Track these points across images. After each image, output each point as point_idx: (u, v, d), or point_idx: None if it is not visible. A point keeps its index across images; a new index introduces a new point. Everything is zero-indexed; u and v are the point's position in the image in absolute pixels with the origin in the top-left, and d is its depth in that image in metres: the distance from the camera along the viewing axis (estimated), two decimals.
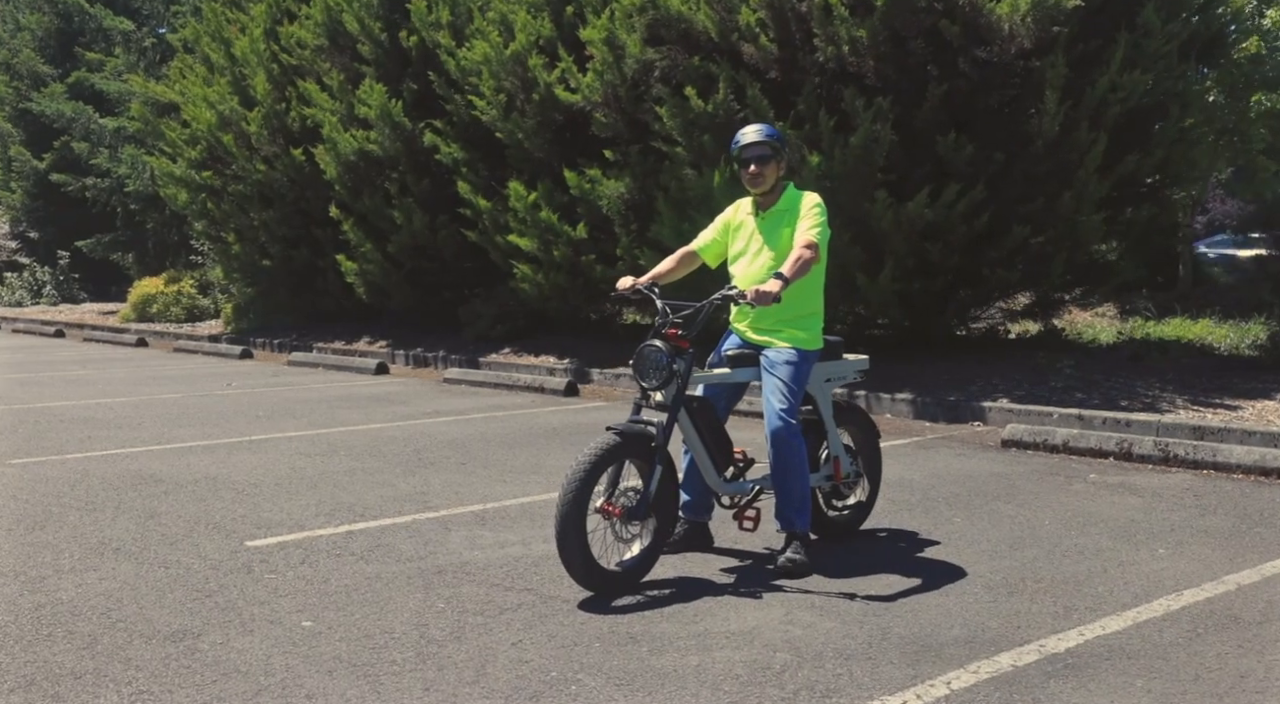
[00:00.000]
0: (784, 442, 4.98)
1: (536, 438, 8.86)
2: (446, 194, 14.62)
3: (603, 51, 11.85)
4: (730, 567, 5.19)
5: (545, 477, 7.29)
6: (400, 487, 7.01)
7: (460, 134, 14.21)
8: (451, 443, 8.63)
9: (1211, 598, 4.57)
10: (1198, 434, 7.96)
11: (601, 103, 12.07)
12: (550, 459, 7.90)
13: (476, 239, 14.08)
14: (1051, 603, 4.52)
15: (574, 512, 4.58)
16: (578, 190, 12.44)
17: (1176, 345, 11.71)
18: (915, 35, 9.92)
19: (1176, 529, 5.72)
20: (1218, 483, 6.87)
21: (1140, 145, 10.38)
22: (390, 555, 5.42)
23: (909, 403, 9.72)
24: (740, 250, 5.38)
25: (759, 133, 5.28)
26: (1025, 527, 5.83)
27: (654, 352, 4.90)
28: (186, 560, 5.37)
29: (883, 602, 4.58)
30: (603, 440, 4.72)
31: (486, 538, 5.73)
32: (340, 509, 6.41)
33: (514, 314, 14.67)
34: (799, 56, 10.51)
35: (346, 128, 15.23)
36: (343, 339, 16.56)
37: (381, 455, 8.11)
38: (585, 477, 4.61)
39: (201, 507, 6.48)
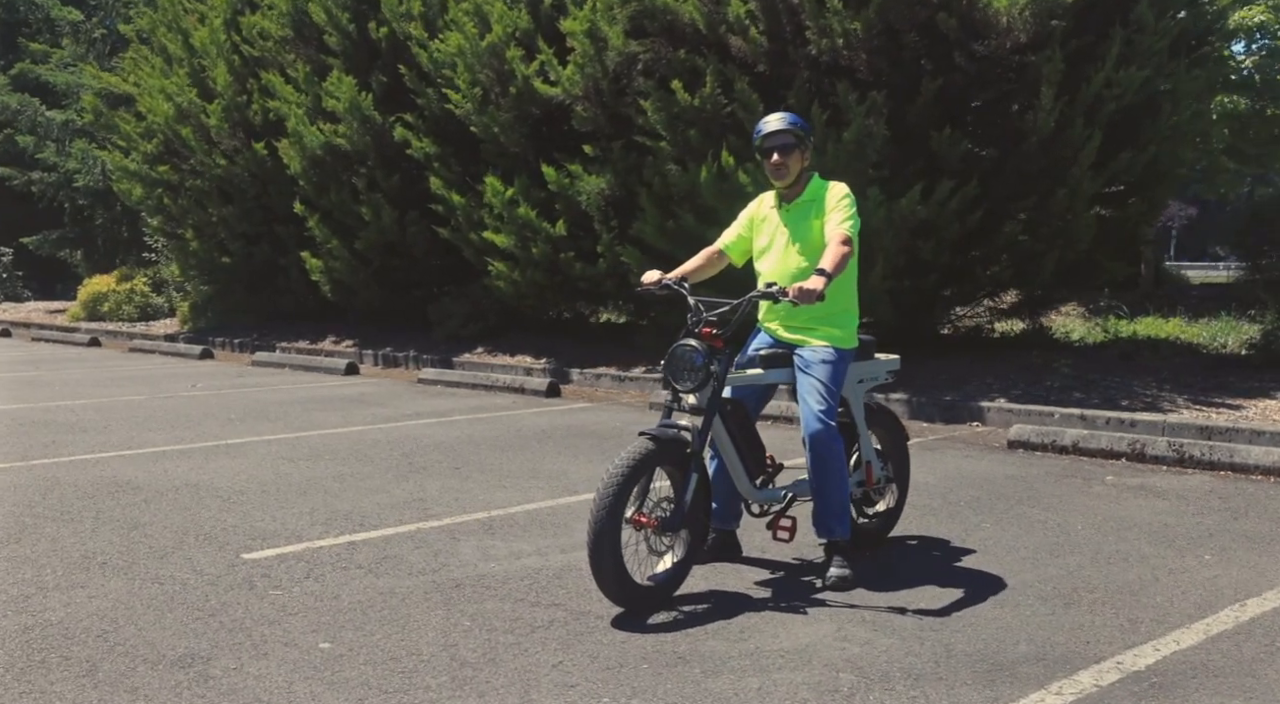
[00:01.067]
0: (824, 445, 4.73)
1: (528, 441, 8.55)
2: (417, 190, 14.25)
3: (584, 44, 11.56)
4: (763, 578, 4.93)
5: (546, 482, 6.99)
6: (396, 493, 6.68)
7: (432, 128, 13.84)
8: (440, 446, 8.30)
9: (1278, 608, 4.38)
10: (1205, 434, 7.83)
11: (582, 96, 11.78)
12: (547, 463, 7.60)
13: (449, 236, 13.72)
14: (1113, 615, 4.31)
15: (609, 524, 4.29)
16: (557, 186, 12.14)
17: (1164, 344, 11.63)
18: (910, 29, 9.72)
19: (1215, 534, 5.55)
20: (1238, 485, 6.73)
21: (1131, 143, 10.26)
22: (400, 568, 5.11)
23: (904, 403, 9.53)
24: (766, 245, 5.11)
25: (782, 121, 5.02)
26: (1058, 532, 5.62)
27: (689, 351, 4.62)
28: (181, 575, 5.02)
29: (936, 616, 4.34)
30: (637, 447, 4.43)
31: (499, 548, 5.43)
32: (337, 518, 6.07)
33: (486, 313, 14.32)
34: (789, 50, 10.29)
35: (313, 121, 14.80)
36: (307, 339, 16.12)
37: (369, 460, 7.77)
38: (620, 486, 4.32)
39: (187, 516, 6.11)
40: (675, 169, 11.19)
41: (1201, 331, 13.38)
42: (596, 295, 13.37)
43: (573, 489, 6.77)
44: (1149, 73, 9.89)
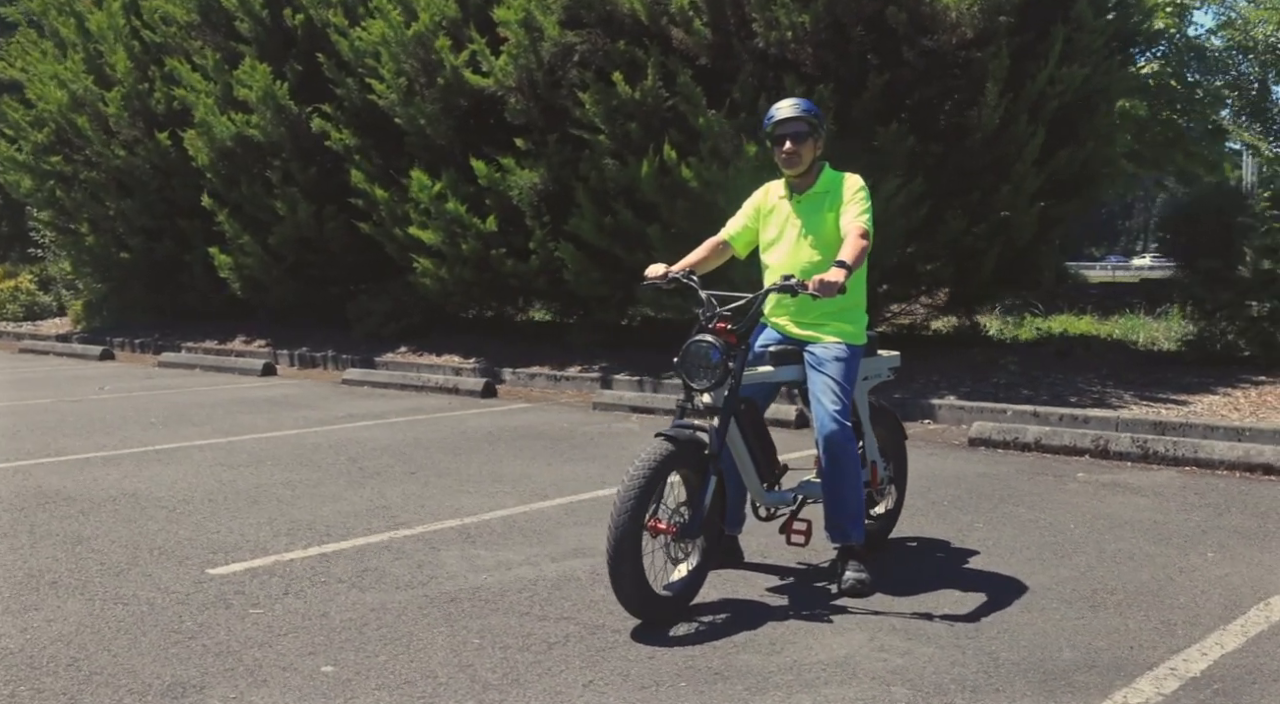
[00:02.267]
0: (839, 446, 4.54)
1: (477, 443, 8.23)
2: (335, 183, 13.77)
3: (518, 34, 11.24)
4: (774, 585, 4.72)
5: (511, 486, 6.70)
6: (355, 500, 6.32)
7: (353, 119, 13.36)
8: (386, 450, 7.93)
9: None
10: (1160, 429, 7.88)
11: (515, 88, 11.45)
12: (505, 467, 7.30)
13: (371, 232, 13.26)
14: (1143, 618, 4.21)
15: (631, 532, 4.04)
16: (487, 181, 11.80)
17: (1096, 341, 11.79)
18: (856, 23, 9.64)
19: (1207, 531, 5.52)
20: (1208, 480, 6.75)
21: (1070, 140, 10.34)
22: (384, 581, 4.78)
23: None
24: (775, 237, 4.90)
25: (795, 107, 4.81)
26: (1053, 531, 5.54)
27: (705, 348, 4.39)
28: (144, 594, 4.62)
29: (966, 622, 4.19)
30: (656, 449, 4.18)
31: (485, 558, 5.13)
32: (299, 528, 5.70)
33: (409, 310, 13.90)
34: (734, 43, 10.12)
35: (223, 111, 14.19)
36: (215, 338, 15.47)
37: (315, 465, 7.37)
38: (642, 490, 4.07)
39: (134, 529, 5.68)
40: (613, 163, 10.95)
41: (1116, 328, 13.64)
42: (528, 293, 13.06)
43: (542, 494, 6.49)
44: (1089, 71, 9.97)
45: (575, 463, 7.44)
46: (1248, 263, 9.40)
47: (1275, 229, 9.44)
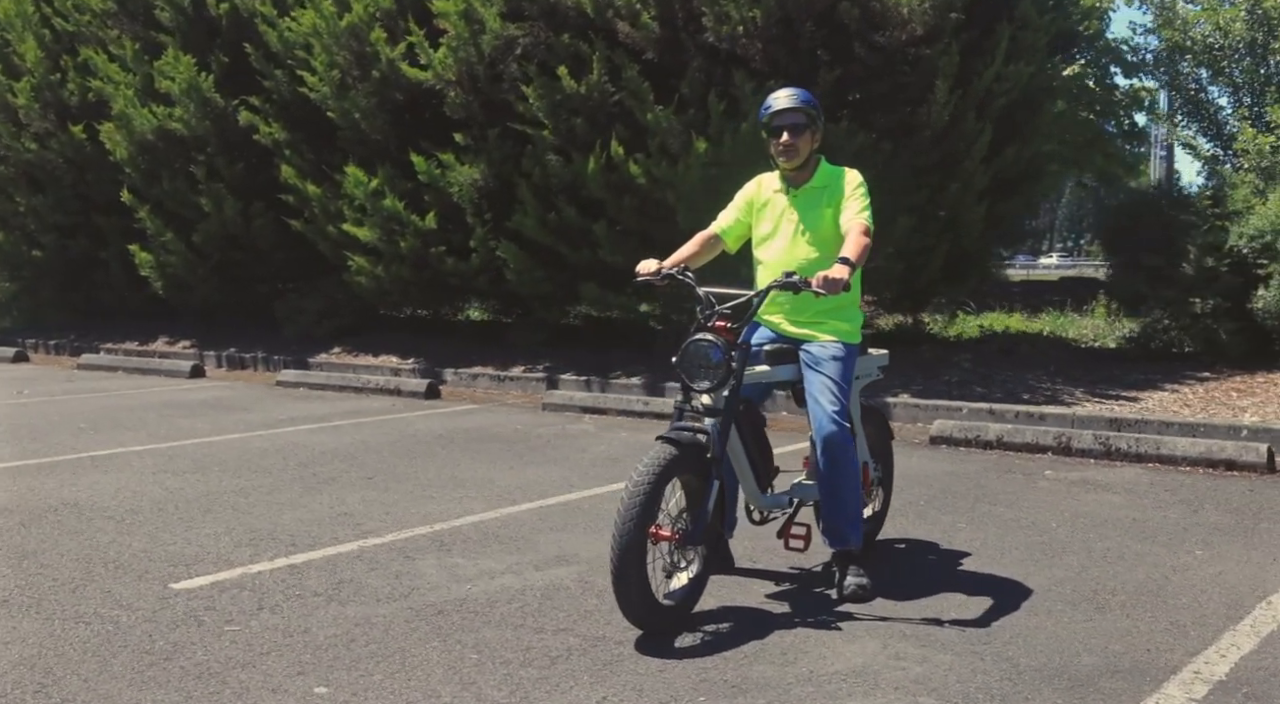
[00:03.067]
0: (838, 447, 4.41)
1: (429, 446, 7.98)
2: (264, 178, 13.34)
3: (458, 26, 10.98)
4: (771, 591, 4.59)
5: (475, 491, 6.48)
6: (314, 508, 6.06)
7: (282, 112, 12.96)
8: (336, 454, 7.65)
9: None
10: (1116, 426, 7.93)
11: (455, 81, 11.19)
12: (464, 471, 7.08)
13: (302, 229, 12.87)
14: (1151, 619, 4.15)
15: (637, 540, 3.88)
16: (426, 177, 11.51)
17: (1038, 339, 11.88)
18: (807, 18, 9.57)
19: (1188, 528, 5.52)
20: (1173, 477, 6.78)
21: (1015, 138, 10.40)
22: (363, 594, 4.55)
23: None
24: (770, 232, 4.76)
25: (792, 98, 4.68)
26: (1037, 531, 5.49)
27: (706, 347, 4.23)
28: (107, 611, 4.34)
29: (976, 627, 4.09)
30: (659, 454, 4.02)
31: (465, 567, 4.92)
32: (261, 538, 5.43)
33: (342, 310, 13.53)
34: (683, 37, 9.99)
35: (143, 103, 13.67)
36: (135, 339, 14.92)
37: (264, 471, 7.07)
38: (648, 497, 3.91)
39: (82, 541, 5.36)
40: (557, 159, 10.75)
41: (1046, 324, 13.80)
42: (469, 292, 12.79)
43: (510, 498, 6.29)
44: (1034, 69, 10.03)
45: (537, 465, 7.25)
46: (1191, 260, 9.51)
47: (1217, 227, 9.57)
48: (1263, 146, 10.13)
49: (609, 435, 8.44)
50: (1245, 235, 9.45)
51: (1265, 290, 9.32)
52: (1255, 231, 9.38)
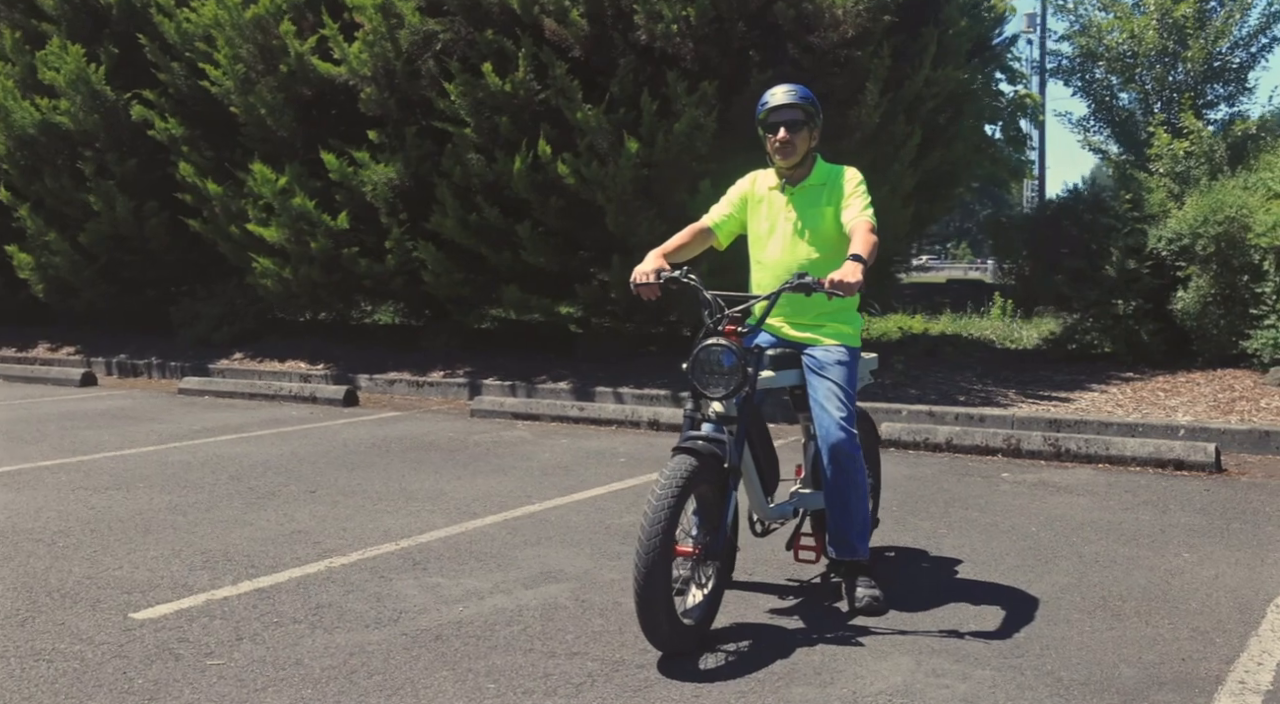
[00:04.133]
0: (847, 456, 4.27)
1: (366, 456, 7.63)
2: (157, 176, 12.74)
3: (375, 20, 10.61)
4: (778, 606, 4.42)
5: (430, 504, 6.18)
6: (263, 526, 5.69)
7: (179, 107, 12.38)
8: (268, 466, 7.25)
9: None
10: (1055, 427, 8.01)
11: (371, 77, 10.79)
12: (412, 482, 6.77)
13: (201, 229, 12.31)
14: (1170, 626, 4.11)
15: (663, 558, 3.67)
16: (339, 175, 11.09)
17: (959, 340, 12.01)
18: (739, 18, 9.47)
19: (1164, 530, 5.54)
20: (1127, 477, 6.84)
21: (939, 142, 10.47)
22: (348, 619, 4.24)
23: None
24: (767, 230, 4.58)
25: (790, 93, 4.52)
26: (1019, 536, 5.45)
27: (721, 353, 4.04)
28: (67, 646, 3.95)
29: (1002, 639, 3.99)
30: (679, 467, 3.82)
31: (448, 587, 4.65)
32: (215, 560, 5.06)
33: (242, 314, 12.98)
34: (614, 35, 9.79)
35: (24, 95, 12.91)
36: (13, 345, 14.10)
37: (196, 486, 6.65)
38: (672, 511, 3.70)
39: (16, 567, 4.92)
40: (478, 158, 10.45)
41: (949, 326, 14.02)
42: (383, 295, 12.38)
43: (470, 511, 6.01)
44: (960, 72, 10.11)
45: (485, 475, 6.97)
46: (1114, 263, 9.69)
47: (1137, 230, 9.78)
48: (1177, 151, 10.41)
49: (549, 442, 8.19)
50: (1163, 238, 9.67)
51: (1184, 292, 9.56)
52: (1173, 234, 9.60)
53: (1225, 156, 10.36)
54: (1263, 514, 5.83)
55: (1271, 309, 9.04)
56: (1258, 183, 9.50)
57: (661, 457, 7.54)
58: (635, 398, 9.60)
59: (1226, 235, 9.20)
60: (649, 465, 7.26)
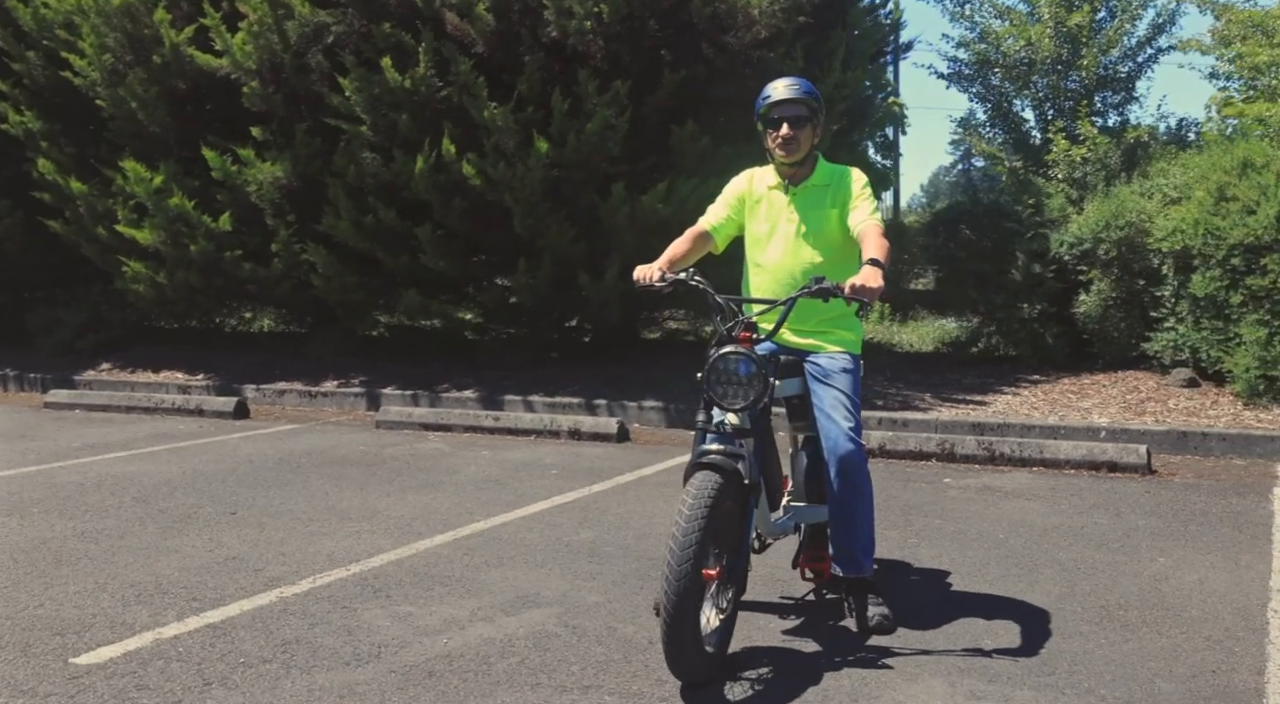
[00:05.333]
0: (855, 467, 4.09)
1: (278, 473, 7.14)
2: (11, 173, 11.86)
3: (261, 10, 10.04)
4: (783, 626, 4.19)
5: (367, 523, 5.78)
6: (190, 553, 5.21)
7: (35, 99, 11.53)
8: (174, 486, 6.70)
9: None
10: (979, 430, 8.02)
11: (256, 71, 10.21)
12: (338, 500, 6.33)
13: (62, 230, 11.48)
14: (1183, 636, 4.03)
15: (695, 583, 3.41)
16: (221, 173, 10.47)
17: None
18: (651, 16, 9.26)
19: (1128, 534, 5.52)
20: (1066, 480, 6.85)
21: (846, 145, 10.46)
22: (322, 656, 3.86)
23: (660, 411, 9.04)
24: (767, 232, 4.36)
25: (793, 88, 4.29)
26: (991, 543, 5.36)
27: (739, 362, 3.80)
28: (7, 701, 3.48)
29: (1026, 656, 3.83)
30: (706, 484, 3.56)
31: (421, 617, 4.29)
32: (148, 593, 4.58)
33: (108, 321, 12.15)
34: (522, 31, 9.47)
35: None
36: None
37: (99, 510, 6.08)
38: (704, 534, 3.45)
39: None
40: (373, 157, 9.99)
41: None
42: (268, 300, 11.74)
43: (413, 531, 5.63)
44: (867, 76, 10.12)
45: (415, 491, 6.58)
46: (1020, 267, 9.83)
47: (1040, 235, 9.93)
48: (1074, 157, 10.62)
49: (468, 454, 7.82)
50: (1065, 243, 9.84)
51: (1086, 296, 9.74)
52: (1075, 239, 9.78)
53: (1120, 163, 10.64)
54: (1212, 516, 5.88)
55: (1171, 312, 9.28)
56: (1153, 189, 9.76)
57: (594, 468, 7.28)
58: (547, 406, 9.29)
59: (1127, 240, 9.41)
60: (584, 478, 6.98)
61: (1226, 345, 8.67)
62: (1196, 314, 8.93)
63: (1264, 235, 8.18)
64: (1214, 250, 8.56)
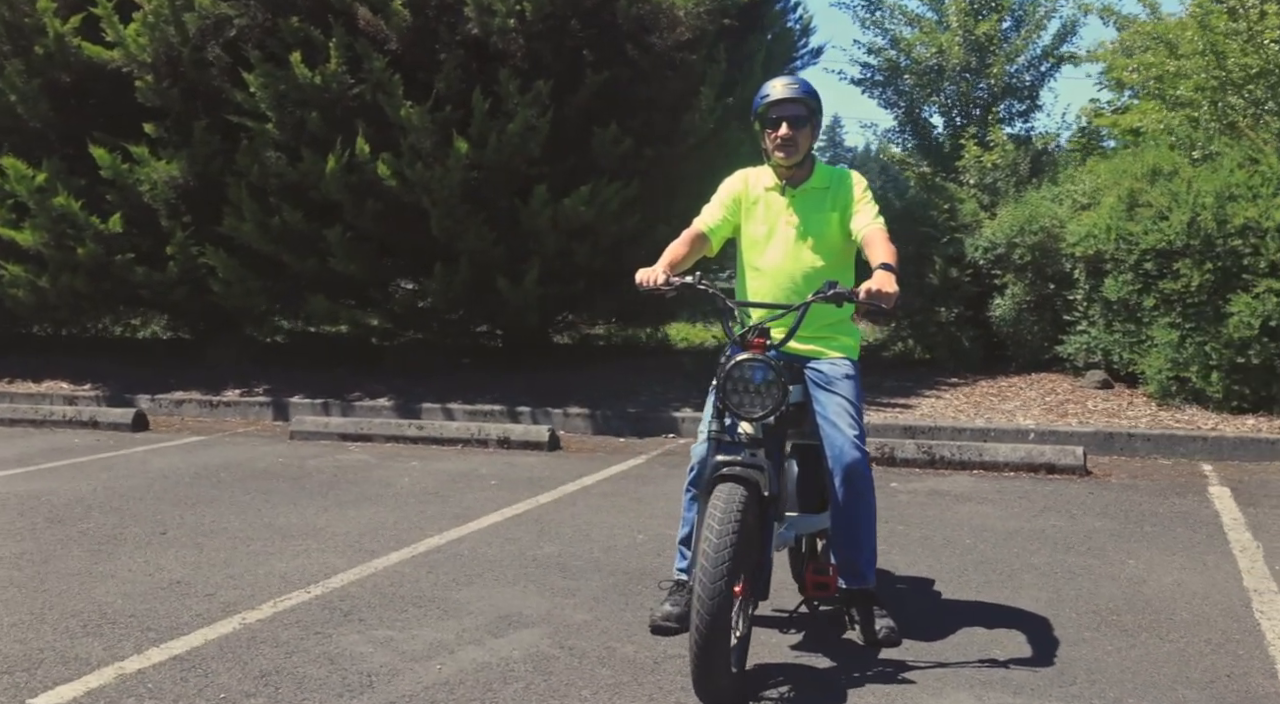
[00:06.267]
0: (863, 477, 3.98)
1: (200, 489, 6.73)
2: None
3: (158, 0, 9.52)
4: (790, 643, 4.04)
5: (313, 541, 5.47)
6: (130, 578, 4.83)
7: None
8: (89, 505, 6.26)
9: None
10: (911, 434, 8.06)
11: (151, 64, 9.69)
12: (273, 517, 5.99)
13: None
14: (1185, 641, 4.01)
15: (726, 603, 3.26)
16: (111, 172, 9.91)
17: None
18: (574, 15, 9.08)
19: (1089, 536, 5.56)
20: (1009, 483, 6.88)
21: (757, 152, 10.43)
22: (311, 688, 3.58)
23: (585, 418, 8.86)
24: (765, 234, 4.22)
25: (791, 87, 4.16)
26: (962, 550, 5.32)
27: (758, 369, 3.66)
28: None
29: (1043, 666, 3.75)
30: (733, 498, 3.41)
31: (404, 641, 4.03)
32: (95, 624, 4.22)
33: None
34: (440, 28, 9.18)
35: None
36: None
37: (9, 534, 5.62)
38: (737, 551, 3.30)
39: None
40: (278, 156, 9.57)
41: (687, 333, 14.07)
42: (162, 305, 11.15)
43: (365, 548, 5.34)
44: None
45: (354, 506, 6.27)
46: (937, 271, 9.93)
47: (956, 239, 10.06)
48: (985, 164, 10.80)
49: (397, 466, 7.52)
50: (980, 248, 9.99)
51: (1001, 299, 9.90)
52: (989, 244, 9.94)
53: (1028, 169, 10.86)
54: (1162, 517, 5.97)
55: (1083, 315, 9.48)
56: (1063, 195, 9.97)
57: (534, 479, 7.06)
58: (468, 415, 9.02)
59: (1040, 245, 9.59)
60: (526, 488, 6.76)
61: (1138, 348, 8.89)
62: (1108, 317, 9.14)
63: (1176, 240, 8.39)
64: (1126, 255, 8.76)
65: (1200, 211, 8.30)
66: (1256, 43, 8.60)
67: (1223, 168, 8.57)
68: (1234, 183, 8.38)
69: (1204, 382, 8.36)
